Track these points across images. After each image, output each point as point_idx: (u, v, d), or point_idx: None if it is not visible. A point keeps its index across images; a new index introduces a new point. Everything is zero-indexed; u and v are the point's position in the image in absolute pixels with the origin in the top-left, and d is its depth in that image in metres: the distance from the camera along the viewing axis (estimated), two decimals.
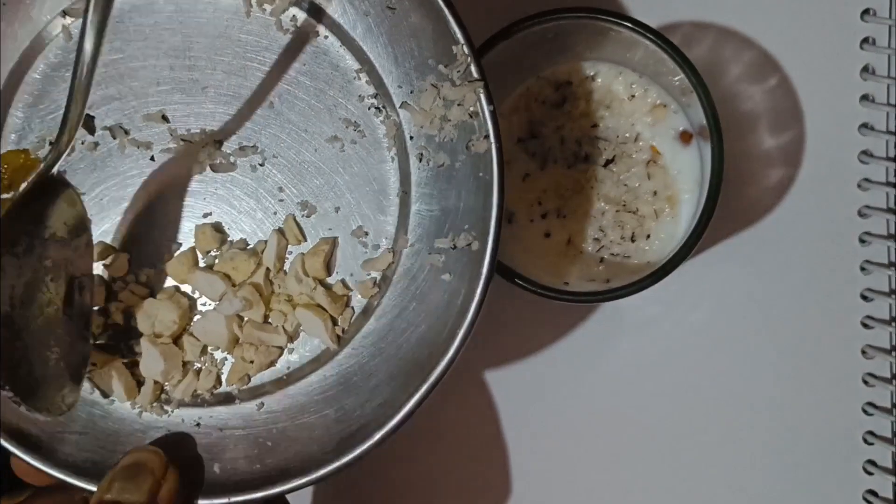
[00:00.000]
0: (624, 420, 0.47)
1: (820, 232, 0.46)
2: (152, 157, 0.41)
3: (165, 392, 0.40)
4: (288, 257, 0.41)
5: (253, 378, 0.41)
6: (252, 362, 0.40)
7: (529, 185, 0.44)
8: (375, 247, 0.40)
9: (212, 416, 0.40)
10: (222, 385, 0.41)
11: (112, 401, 0.40)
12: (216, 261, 0.41)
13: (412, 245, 0.39)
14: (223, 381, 0.41)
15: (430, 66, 0.38)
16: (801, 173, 0.46)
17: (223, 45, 0.40)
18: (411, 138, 0.39)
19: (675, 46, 0.40)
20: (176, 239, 0.41)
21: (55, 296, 0.37)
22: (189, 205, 0.41)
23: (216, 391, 0.40)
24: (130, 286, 0.41)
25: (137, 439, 0.40)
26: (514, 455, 0.47)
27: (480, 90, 0.36)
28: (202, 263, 0.41)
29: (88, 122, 0.41)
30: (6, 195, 0.41)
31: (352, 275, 0.40)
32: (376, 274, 0.40)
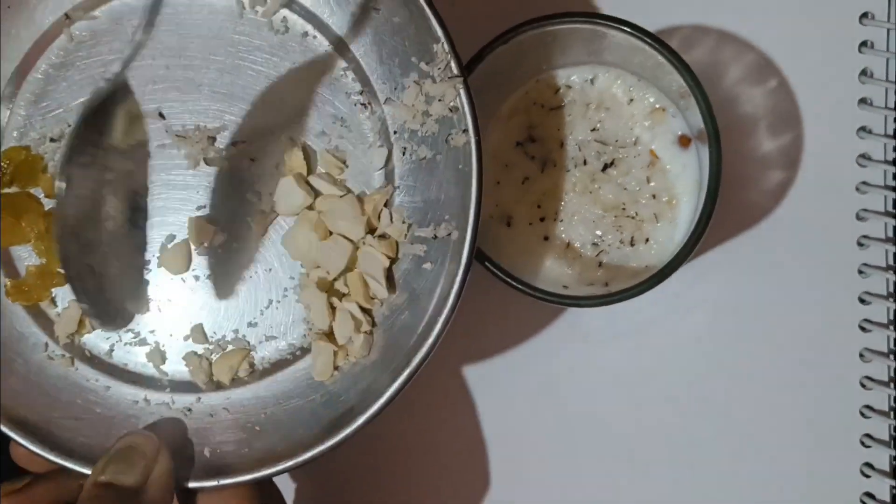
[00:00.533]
0: (620, 422, 0.47)
1: (818, 235, 0.46)
2: (148, 153, 0.42)
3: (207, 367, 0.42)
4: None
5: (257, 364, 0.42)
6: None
7: (528, 188, 0.44)
8: None
9: (203, 401, 0.41)
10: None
11: (108, 387, 0.42)
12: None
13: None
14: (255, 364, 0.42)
15: (413, 64, 0.40)
16: (800, 176, 0.46)
17: (217, 45, 0.42)
18: (395, 133, 0.41)
19: (672, 50, 0.40)
20: (170, 231, 0.42)
21: (116, 210, 0.39)
22: (183, 197, 0.42)
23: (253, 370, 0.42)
24: None
25: (131, 425, 0.41)
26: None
27: (460, 86, 0.38)
28: (201, 253, 0.42)
29: None
30: (8, 190, 0.42)
31: None
32: None
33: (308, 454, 0.38)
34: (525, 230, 0.44)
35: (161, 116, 0.42)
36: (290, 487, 0.48)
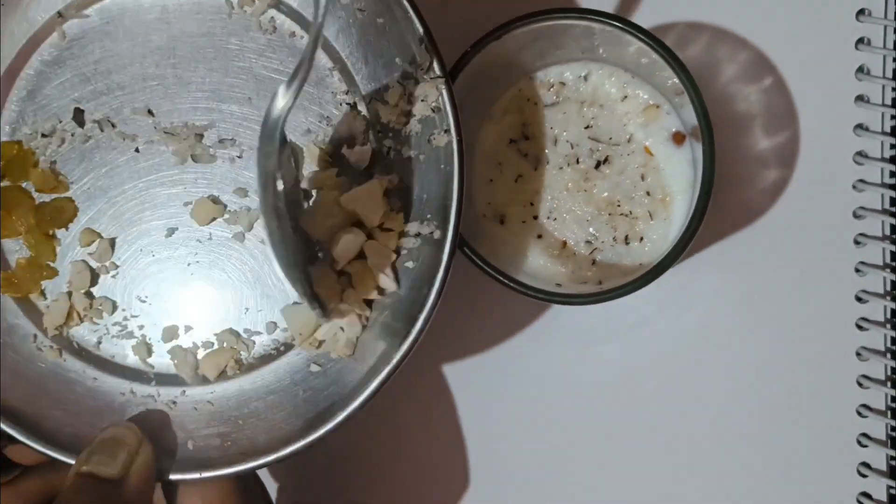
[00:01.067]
0: (615, 420, 0.47)
1: (815, 233, 0.46)
2: (137, 149, 0.43)
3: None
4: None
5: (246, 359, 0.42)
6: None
7: (521, 186, 0.44)
8: None
9: (188, 395, 0.42)
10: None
11: (95, 379, 0.42)
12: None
13: None
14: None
15: (397, 65, 0.40)
16: (796, 174, 0.46)
17: (206, 43, 0.43)
18: (379, 132, 0.41)
19: (666, 47, 0.39)
20: (158, 225, 0.43)
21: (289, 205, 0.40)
22: (171, 193, 0.43)
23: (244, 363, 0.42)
24: (111, 272, 0.43)
25: (117, 417, 0.42)
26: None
27: (442, 86, 0.39)
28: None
29: (78, 116, 0.43)
30: (3, 183, 0.43)
31: None
32: None
33: (289, 448, 0.39)
34: (518, 228, 0.44)
35: (150, 113, 0.43)
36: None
